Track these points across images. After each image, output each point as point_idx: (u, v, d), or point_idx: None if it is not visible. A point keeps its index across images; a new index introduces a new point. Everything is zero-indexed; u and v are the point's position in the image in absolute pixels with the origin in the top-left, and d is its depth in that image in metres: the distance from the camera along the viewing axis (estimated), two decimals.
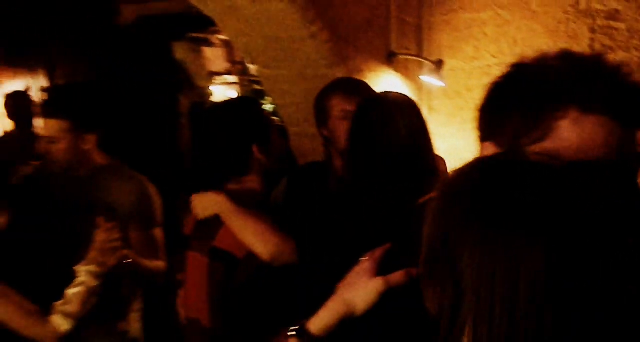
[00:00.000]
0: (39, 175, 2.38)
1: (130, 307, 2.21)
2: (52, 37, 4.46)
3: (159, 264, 2.16)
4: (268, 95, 3.76)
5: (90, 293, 1.78)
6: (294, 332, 1.08)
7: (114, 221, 1.84)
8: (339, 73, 2.63)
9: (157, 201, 2.20)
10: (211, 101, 5.87)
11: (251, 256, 1.56)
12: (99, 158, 2.16)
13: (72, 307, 1.76)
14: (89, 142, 2.09)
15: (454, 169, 0.75)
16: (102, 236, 1.80)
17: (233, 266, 1.60)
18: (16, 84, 4.69)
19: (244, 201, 1.64)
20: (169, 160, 4.23)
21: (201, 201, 1.68)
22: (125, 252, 1.88)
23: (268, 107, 3.97)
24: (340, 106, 1.97)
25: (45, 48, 4.56)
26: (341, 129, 1.89)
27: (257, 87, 6.37)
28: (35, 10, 4.33)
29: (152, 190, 2.19)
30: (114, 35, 4.32)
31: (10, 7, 4.28)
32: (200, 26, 5.49)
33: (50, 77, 4.60)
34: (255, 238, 1.56)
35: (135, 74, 4.18)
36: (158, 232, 2.20)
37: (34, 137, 2.60)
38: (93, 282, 1.78)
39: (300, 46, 2.52)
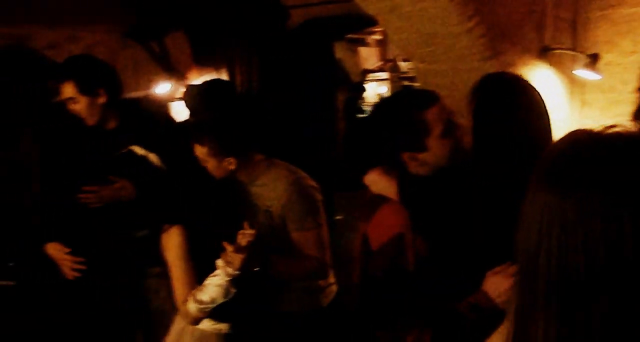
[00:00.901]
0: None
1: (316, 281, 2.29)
2: (234, 39, 5.09)
3: (319, 259, 2.14)
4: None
5: (221, 287, 1.85)
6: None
7: (253, 229, 1.87)
8: (492, 67, 2.78)
9: (316, 200, 2.18)
10: (363, 96, 6.22)
11: (382, 249, 1.62)
12: (254, 165, 2.18)
13: (202, 295, 1.86)
14: (232, 164, 2.09)
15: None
16: (238, 239, 1.85)
17: (369, 255, 1.68)
18: (202, 81, 5.43)
19: None
20: (326, 151, 4.62)
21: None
22: (257, 259, 1.87)
23: None
24: None
25: (227, 49, 5.19)
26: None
27: (406, 83, 6.67)
28: (220, 16, 4.97)
29: (310, 188, 2.18)
30: (284, 36, 4.81)
31: (199, 13, 4.97)
32: (357, 27, 5.88)
33: (231, 74, 5.24)
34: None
35: (301, 71, 4.63)
36: (321, 230, 2.18)
37: None
38: (223, 278, 1.84)
39: (455, 41, 2.72)
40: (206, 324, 2.00)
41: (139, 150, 2.51)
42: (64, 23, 5.92)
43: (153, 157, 2.49)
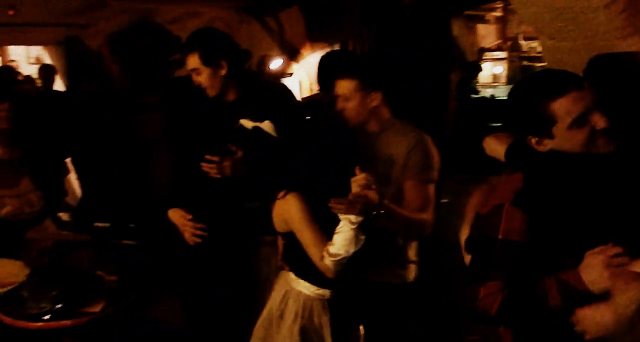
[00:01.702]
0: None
1: (406, 256, 2.36)
2: (348, 15, 5.05)
3: (425, 216, 2.18)
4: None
5: (349, 236, 1.88)
6: None
7: (366, 172, 1.89)
8: (631, 46, 2.54)
9: (435, 157, 2.25)
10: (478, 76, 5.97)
11: (482, 216, 1.67)
12: (385, 114, 2.30)
13: (335, 248, 1.91)
14: (376, 100, 2.23)
15: None
16: (354, 185, 1.88)
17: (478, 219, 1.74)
18: (314, 56, 5.49)
19: None
20: (437, 131, 4.48)
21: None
22: (376, 201, 1.89)
23: None
24: None
25: (341, 24, 5.17)
26: None
27: (526, 63, 6.33)
28: None
29: (433, 146, 2.26)
30: (400, 11, 4.69)
31: None
32: (476, 3, 5.63)
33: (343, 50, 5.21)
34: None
35: (415, 48, 4.51)
36: (431, 187, 2.23)
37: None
38: (348, 227, 1.88)
39: (592, 16, 2.50)
40: (310, 289, 2.06)
41: (248, 123, 2.56)
42: None
43: (266, 126, 2.54)
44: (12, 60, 7.44)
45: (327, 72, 3.22)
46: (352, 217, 1.86)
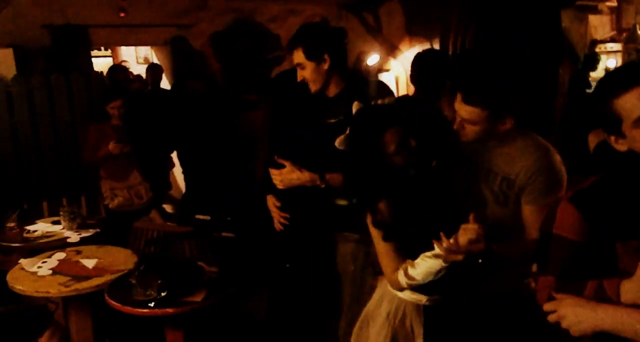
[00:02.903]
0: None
1: None
2: (450, 7, 4.91)
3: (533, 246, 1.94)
4: None
5: (432, 269, 1.79)
6: None
7: (478, 223, 1.72)
8: None
9: (562, 175, 2.00)
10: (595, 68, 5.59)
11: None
12: (510, 127, 2.02)
13: (414, 272, 1.82)
14: (507, 124, 1.97)
15: None
16: (461, 234, 1.73)
17: None
18: (413, 52, 5.40)
19: None
20: (542, 129, 4.23)
21: None
22: (480, 252, 1.75)
23: None
24: None
25: (442, 18, 5.04)
26: None
27: None
28: None
29: (559, 162, 2.01)
30: (506, 2, 4.48)
31: None
32: None
33: (443, 45, 5.07)
34: None
35: (521, 42, 4.30)
36: None
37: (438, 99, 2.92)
38: (439, 261, 1.78)
39: None
40: (406, 293, 1.97)
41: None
42: None
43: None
44: (124, 61, 7.90)
45: (426, 74, 3.12)
46: (440, 253, 1.75)
